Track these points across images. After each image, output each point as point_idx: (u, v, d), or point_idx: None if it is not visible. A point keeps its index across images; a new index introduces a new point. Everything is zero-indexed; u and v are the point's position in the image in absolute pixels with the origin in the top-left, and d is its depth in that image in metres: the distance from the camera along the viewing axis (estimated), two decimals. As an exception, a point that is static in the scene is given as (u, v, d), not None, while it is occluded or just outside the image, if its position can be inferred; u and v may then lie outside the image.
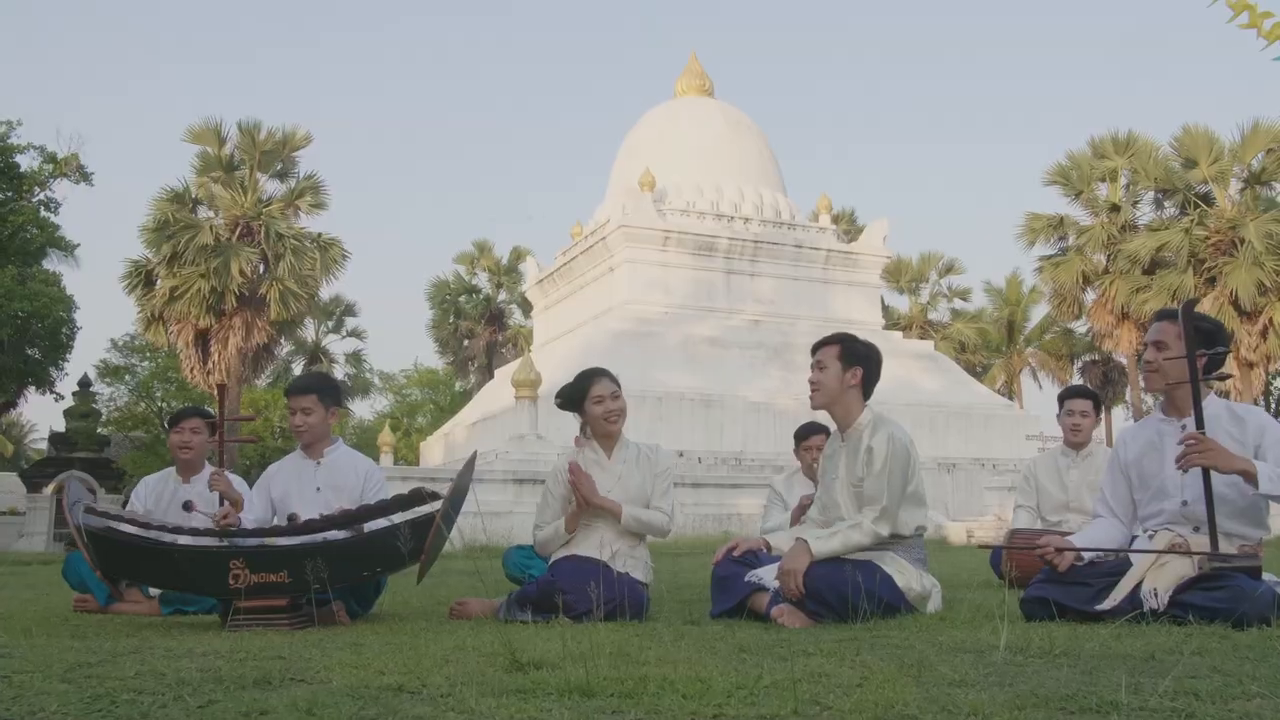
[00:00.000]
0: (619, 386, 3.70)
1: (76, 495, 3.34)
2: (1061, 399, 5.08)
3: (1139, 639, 2.43)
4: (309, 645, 2.65)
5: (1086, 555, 3.06)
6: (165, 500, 4.58)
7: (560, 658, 2.20)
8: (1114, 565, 3.01)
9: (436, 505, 3.28)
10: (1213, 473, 2.86)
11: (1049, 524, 4.94)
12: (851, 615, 2.97)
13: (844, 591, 2.99)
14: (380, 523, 3.42)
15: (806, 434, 5.14)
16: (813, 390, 3.45)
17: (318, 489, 3.80)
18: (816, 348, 3.52)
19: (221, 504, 3.90)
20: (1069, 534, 4.56)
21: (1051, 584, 3.01)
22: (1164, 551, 2.92)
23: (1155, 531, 3.08)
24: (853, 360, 3.38)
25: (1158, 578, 2.86)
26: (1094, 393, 5.15)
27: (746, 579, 3.21)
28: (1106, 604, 2.88)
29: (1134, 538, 3.18)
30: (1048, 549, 3.03)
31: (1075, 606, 2.92)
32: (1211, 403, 3.06)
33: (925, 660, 2.16)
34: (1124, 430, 3.33)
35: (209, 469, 4.51)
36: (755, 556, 3.34)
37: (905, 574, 3.20)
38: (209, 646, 2.64)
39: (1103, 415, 23.03)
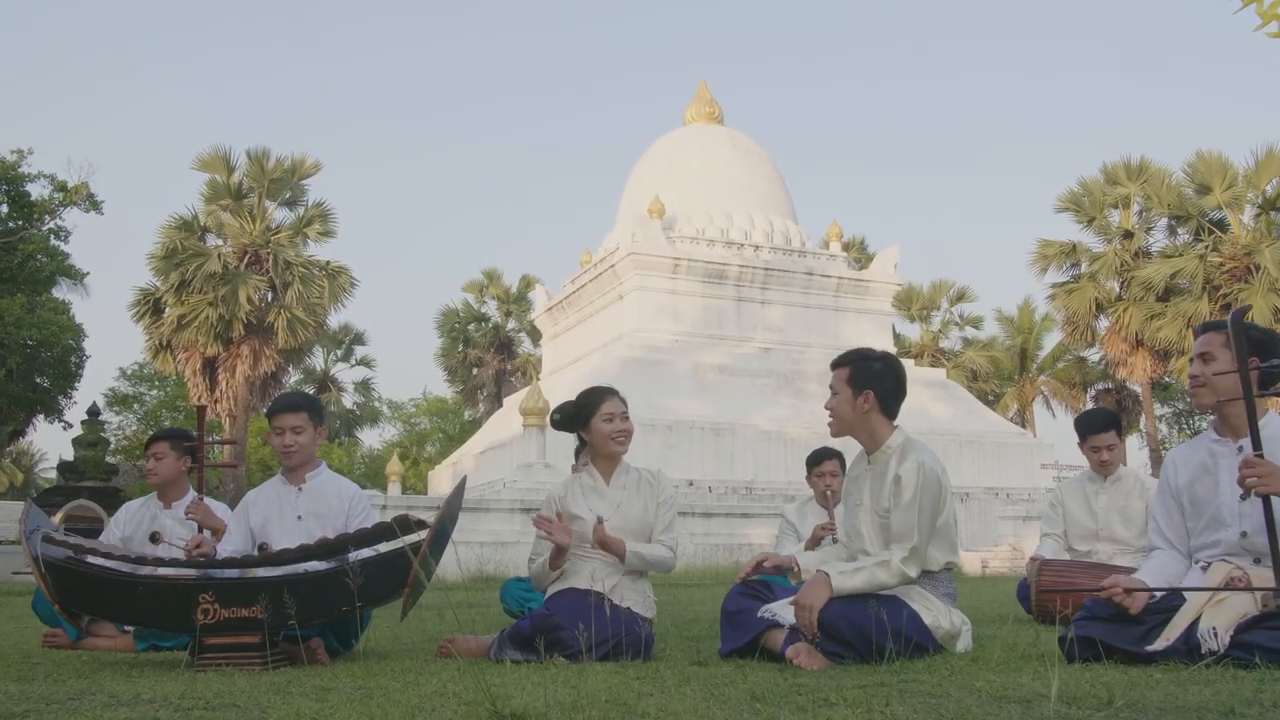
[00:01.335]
0: (627, 407, 3.48)
1: (35, 522, 3.10)
2: (1083, 432, 4.73)
3: (1207, 687, 2.15)
4: (272, 690, 2.40)
5: (1157, 594, 2.74)
6: (144, 527, 4.36)
7: (547, 707, 1.94)
8: (1165, 601, 2.72)
9: (418, 536, 3.03)
10: (1275, 499, 2.59)
11: (1077, 553, 4.65)
12: (875, 656, 2.70)
13: (866, 629, 2.72)
14: (364, 553, 3.17)
15: (819, 460, 4.95)
16: (829, 417, 3.20)
17: (299, 517, 3.54)
18: (832, 368, 3.28)
19: (201, 532, 3.67)
20: (1105, 565, 4.29)
21: (1096, 621, 2.71)
22: (1222, 588, 2.64)
23: (1210, 564, 2.80)
24: (863, 383, 3.11)
25: (1216, 616, 2.57)
26: (1114, 416, 4.82)
27: (760, 614, 2.93)
28: (1159, 645, 2.59)
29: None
30: (1115, 589, 2.71)
31: (1124, 647, 2.63)
32: (1271, 421, 2.79)
33: (965, 712, 1.89)
34: (1173, 451, 3.05)
35: (193, 494, 4.30)
36: (769, 588, 3.08)
37: (933, 610, 2.93)
38: (161, 691, 2.39)
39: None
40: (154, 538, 3.47)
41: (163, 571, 3.30)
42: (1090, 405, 31.07)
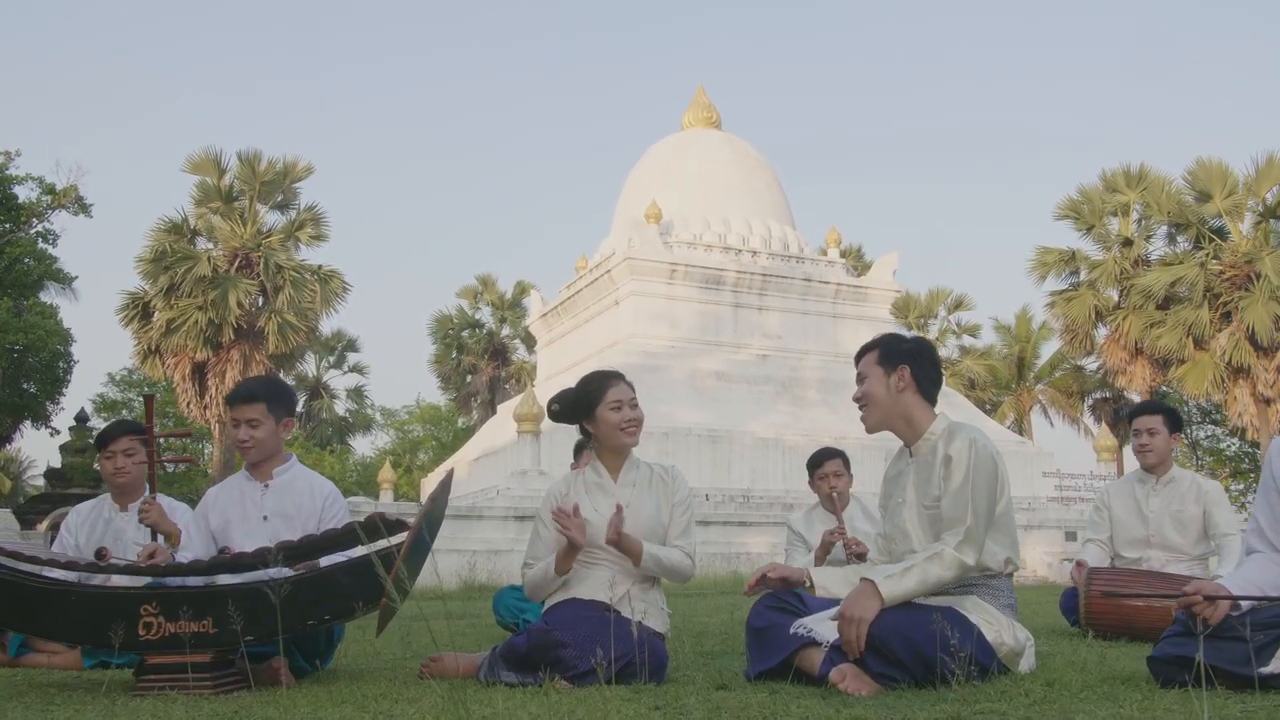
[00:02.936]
0: (635, 393, 3.08)
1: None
2: (1129, 419, 4.49)
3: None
4: (215, 722, 2.00)
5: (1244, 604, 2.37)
6: (98, 534, 3.91)
7: (552, 749, 1.56)
8: (1273, 615, 2.34)
9: (394, 540, 2.63)
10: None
11: (1125, 560, 4.26)
12: (937, 679, 2.30)
13: (921, 646, 2.32)
14: (337, 558, 2.78)
15: (820, 460, 4.64)
16: (860, 409, 2.82)
17: (264, 517, 3.13)
18: (857, 358, 2.90)
19: (155, 538, 3.26)
20: (1160, 574, 3.91)
21: (1193, 638, 2.33)
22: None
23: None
24: (895, 359, 2.75)
25: (1340, 631, 2.20)
26: (1165, 407, 4.44)
27: (792, 630, 2.53)
28: (1274, 666, 2.22)
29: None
30: (1195, 597, 2.34)
31: (1229, 669, 2.25)
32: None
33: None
34: (1276, 440, 2.68)
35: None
36: (800, 600, 2.68)
37: (996, 625, 2.53)
38: (78, 723, 1.99)
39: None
40: (100, 554, 3.03)
41: (114, 580, 2.90)
42: (1089, 415, 30.80)
